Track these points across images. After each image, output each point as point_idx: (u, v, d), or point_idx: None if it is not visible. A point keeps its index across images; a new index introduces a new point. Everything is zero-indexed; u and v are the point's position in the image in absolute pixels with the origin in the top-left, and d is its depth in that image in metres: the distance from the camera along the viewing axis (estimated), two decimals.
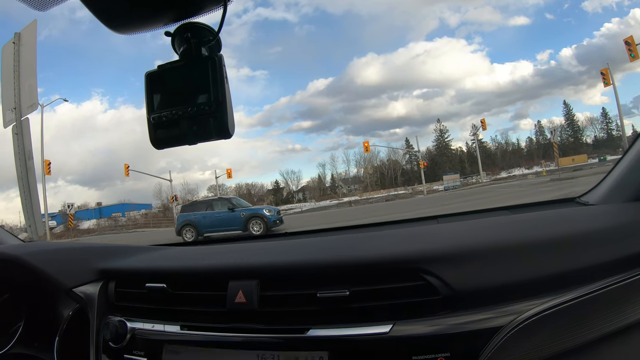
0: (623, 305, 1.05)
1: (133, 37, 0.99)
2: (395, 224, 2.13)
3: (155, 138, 0.99)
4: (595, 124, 60.84)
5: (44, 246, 1.65)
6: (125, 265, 1.52)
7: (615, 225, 1.21)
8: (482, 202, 18.46)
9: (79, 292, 1.44)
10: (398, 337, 1.02)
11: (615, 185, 1.47)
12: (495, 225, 1.44)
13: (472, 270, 1.07)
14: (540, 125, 62.73)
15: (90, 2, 0.90)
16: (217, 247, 1.96)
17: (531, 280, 1.05)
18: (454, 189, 40.68)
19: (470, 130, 62.82)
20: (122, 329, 1.30)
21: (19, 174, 7.60)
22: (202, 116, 0.95)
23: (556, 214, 1.45)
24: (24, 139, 7.60)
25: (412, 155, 61.99)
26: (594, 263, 1.08)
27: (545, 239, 1.15)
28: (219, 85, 0.94)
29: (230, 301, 1.19)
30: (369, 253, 1.21)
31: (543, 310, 1.00)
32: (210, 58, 0.96)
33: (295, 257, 1.31)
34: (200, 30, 0.97)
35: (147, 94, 0.99)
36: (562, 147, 55.73)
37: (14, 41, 7.76)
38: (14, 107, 7.54)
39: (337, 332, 1.08)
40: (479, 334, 0.99)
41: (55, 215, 44.02)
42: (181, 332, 1.24)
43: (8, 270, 1.53)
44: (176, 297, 1.30)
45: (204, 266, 1.37)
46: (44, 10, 0.92)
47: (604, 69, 29.24)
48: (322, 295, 1.10)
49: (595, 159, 46.94)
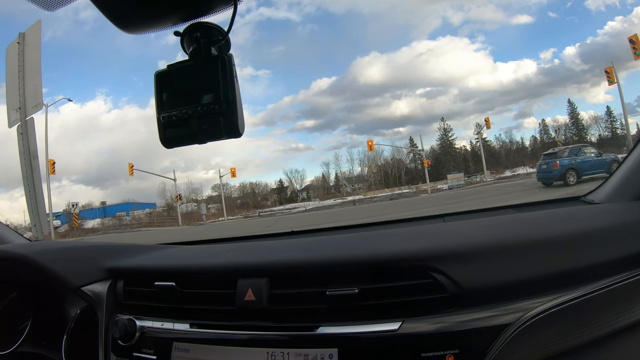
0: (629, 303, 1.06)
1: (137, 37, 1.00)
2: (402, 223, 2.14)
3: (165, 137, 1.00)
4: (599, 122, 60.47)
5: (51, 245, 1.66)
6: (134, 264, 1.53)
7: (621, 224, 1.22)
8: (487, 200, 18.39)
9: (87, 291, 1.45)
10: (407, 334, 1.03)
11: (620, 184, 1.47)
12: (501, 224, 1.44)
13: (479, 268, 1.08)
14: (544, 124, 62.51)
15: (100, 2, 0.90)
16: (225, 245, 1.97)
17: (537, 278, 1.06)
18: (458, 188, 40.51)
19: (475, 129, 62.46)
20: (131, 327, 1.31)
21: (24, 174, 7.61)
22: (212, 115, 0.95)
23: (562, 213, 1.45)
24: (28, 138, 7.61)
25: (416, 154, 61.83)
26: (600, 261, 1.08)
27: (551, 237, 1.16)
28: (229, 85, 0.95)
29: (239, 299, 1.20)
30: (377, 251, 1.21)
31: (550, 308, 1.00)
32: (220, 57, 0.97)
33: (304, 255, 1.32)
34: (209, 30, 0.97)
35: (156, 93, 1.00)
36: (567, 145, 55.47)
37: (19, 41, 7.77)
38: (18, 107, 7.56)
39: (346, 330, 1.08)
40: (486, 331, 1.00)
41: (59, 215, 44.07)
42: (190, 330, 1.25)
43: (15, 269, 1.54)
44: (185, 296, 1.30)
45: (213, 264, 1.38)
46: (53, 10, 0.93)
47: (608, 67, 29.06)
48: (332, 293, 1.11)
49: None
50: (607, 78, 28.94)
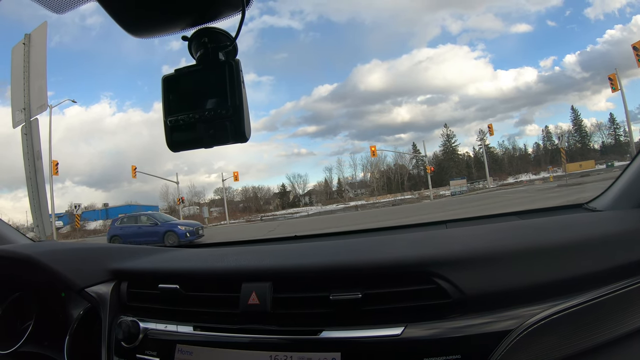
0: (630, 310, 1.05)
1: (141, 44, 1.02)
2: (405, 229, 2.14)
3: (172, 141, 1.01)
4: (602, 129, 60.44)
5: (55, 246, 1.66)
6: (138, 266, 1.53)
7: (623, 231, 1.21)
8: (490, 207, 18.36)
9: (91, 292, 1.45)
10: (410, 339, 1.03)
11: (623, 192, 1.47)
12: (504, 230, 1.44)
13: (482, 274, 1.08)
14: (547, 130, 62.51)
15: (109, 6, 0.92)
16: (229, 249, 1.97)
17: (540, 284, 1.06)
18: (461, 194, 40.52)
19: (477, 135, 62.54)
20: (134, 328, 1.31)
21: (28, 174, 7.64)
22: (219, 120, 0.96)
23: (564, 220, 1.45)
24: (33, 139, 7.64)
25: (418, 160, 61.82)
26: (602, 268, 1.08)
27: (554, 244, 1.16)
28: (236, 90, 0.95)
29: (243, 303, 1.20)
30: (381, 256, 1.22)
31: (552, 315, 1.01)
32: (227, 63, 0.97)
33: (308, 259, 1.32)
34: (217, 35, 0.98)
35: (164, 97, 1.00)
36: (570, 152, 55.37)
37: (24, 42, 7.82)
38: (23, 107, 7.59)
39: (349, 334, 1.08)
40: (489, 336, 1.00)
41: (62, 216, 44.18)
42: (194, 332, 1.25)
43: (19, 269, 1.54)
44: (189, 299, 1.31)
45: (217, 268, 1.38)
46: (62, 13, 0.94)
47: (611, 74, 29.07)
48: (335, 298, 1.11)
49: (602, 165, 46.55)
50: (610, 85, 28.96)
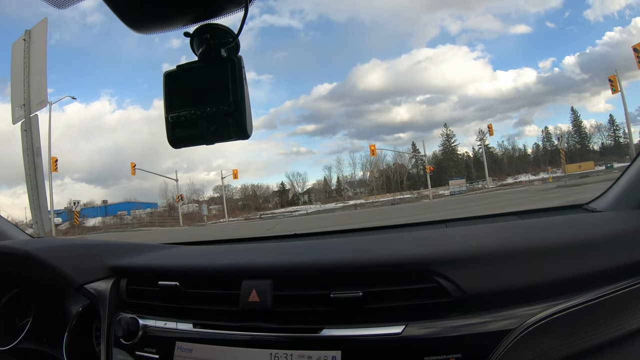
0: (630, 311, 1.05)
1: (142, 41, 1.01)
2: (405, 227, 2.14)
3: (173, 137, 1.00)
4: (602, 131, 60.57)
5: (55, 242, 1.65)
6: (138, 263, 1.53)
7: (623, 232, 1.21)
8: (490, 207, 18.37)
9: (91, 289, 1.44)
10: (410, 337, 1.03)
11: (622, 192, 1.47)
12: (504, 230, 1.44)
13: (482, 273, 1.08)
14: (547, 131, 62.62)
15: (112, 1, 0.91)
16: (230, 246, 1.97)
17: (540, 284, 1.06)
18: (460, 194, 40.58)
19: (477, 135, 62.71)
20: (134, 325, 1.31)
21: (27, 170, 7.61)
22: (220, 117, 0.95)
23: (564, 220, 1.45)
24: (32, 135, 7.62)
25: (418, 160, 61.88)
26: (602, 269, 1.08)
27: (554, 244, 1.16)
28: (238, 87, 0.95)
29: (243, 300, 1.20)
30: (381, 255, 1.22)
31: (552, 314, 1.00)
32: (229, 59, 0.97)
33: (309, 257, 1.32)
34: (220, 31, 0.97)
35: (165, 93, 1.00)
36: (569, 153, 55.51)
37: (24, 38, 7.79)
38: (23, 103, 7.56)
39: (350, 332, 1.08)
40: (489, 335, 1.00)
41: (61, 212, 44.25)
42: (194, 329, 1.25)
43: (18, 265, 1.54)
44: (189, 296, 1.30)
45: (217, 265, 1.38)
46: (63, 8, 0.94)
47: (612, 75, 29.12)
48: (336, 296, 1.11)
49: (602, 166, 46.66)
50: (610, 86, 29.02)
